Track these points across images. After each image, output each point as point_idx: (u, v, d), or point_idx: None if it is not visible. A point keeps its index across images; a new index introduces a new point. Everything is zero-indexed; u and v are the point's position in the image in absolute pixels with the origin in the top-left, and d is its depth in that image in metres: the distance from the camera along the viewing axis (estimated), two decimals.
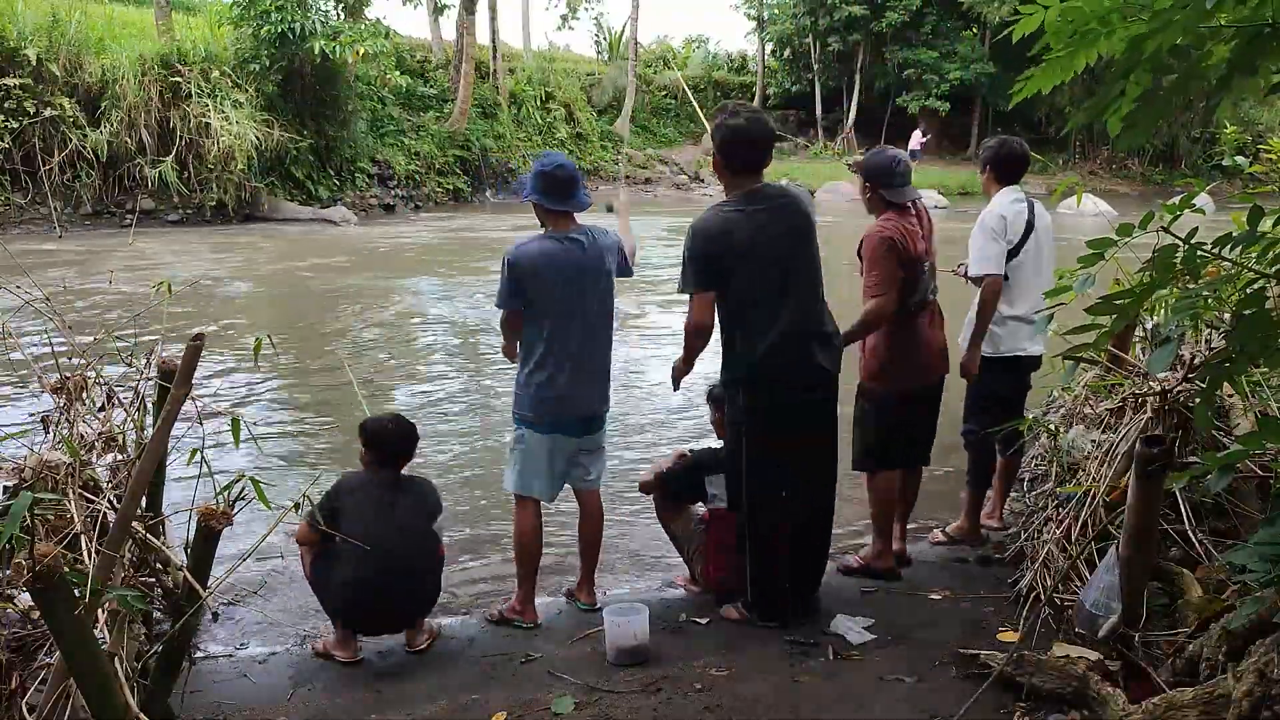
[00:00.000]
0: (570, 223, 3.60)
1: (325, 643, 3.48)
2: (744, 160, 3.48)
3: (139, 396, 3.16)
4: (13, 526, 2.08)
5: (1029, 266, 4.16)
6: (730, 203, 3.48)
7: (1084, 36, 2.01)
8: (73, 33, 16.53)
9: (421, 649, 3.49)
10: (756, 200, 3.45)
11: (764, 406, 3.48)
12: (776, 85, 33.75)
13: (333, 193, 19.42)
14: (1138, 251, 2.25)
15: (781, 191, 3.58)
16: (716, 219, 3.45)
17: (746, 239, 3.40)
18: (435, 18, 27.61)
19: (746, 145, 3.47)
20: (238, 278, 12.08)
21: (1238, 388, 3.30)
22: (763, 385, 3.48)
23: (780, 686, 3.12)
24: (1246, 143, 9.65)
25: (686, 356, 3.60)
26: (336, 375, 7.67)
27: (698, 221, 3.47)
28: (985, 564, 4.17)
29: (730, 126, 3.47)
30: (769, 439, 3.49)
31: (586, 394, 3.64)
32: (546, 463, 3.65)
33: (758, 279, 3.42)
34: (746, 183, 3.48)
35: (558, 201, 3.55)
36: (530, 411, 3.62)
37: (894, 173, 3.84)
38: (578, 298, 3.55)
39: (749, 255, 3.40)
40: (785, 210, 3.49)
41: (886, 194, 3.82)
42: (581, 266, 3.55)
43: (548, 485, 3.69)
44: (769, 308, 3.44)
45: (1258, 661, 2.31)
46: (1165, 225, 2.11)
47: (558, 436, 3.64)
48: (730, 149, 3.47)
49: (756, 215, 3.43)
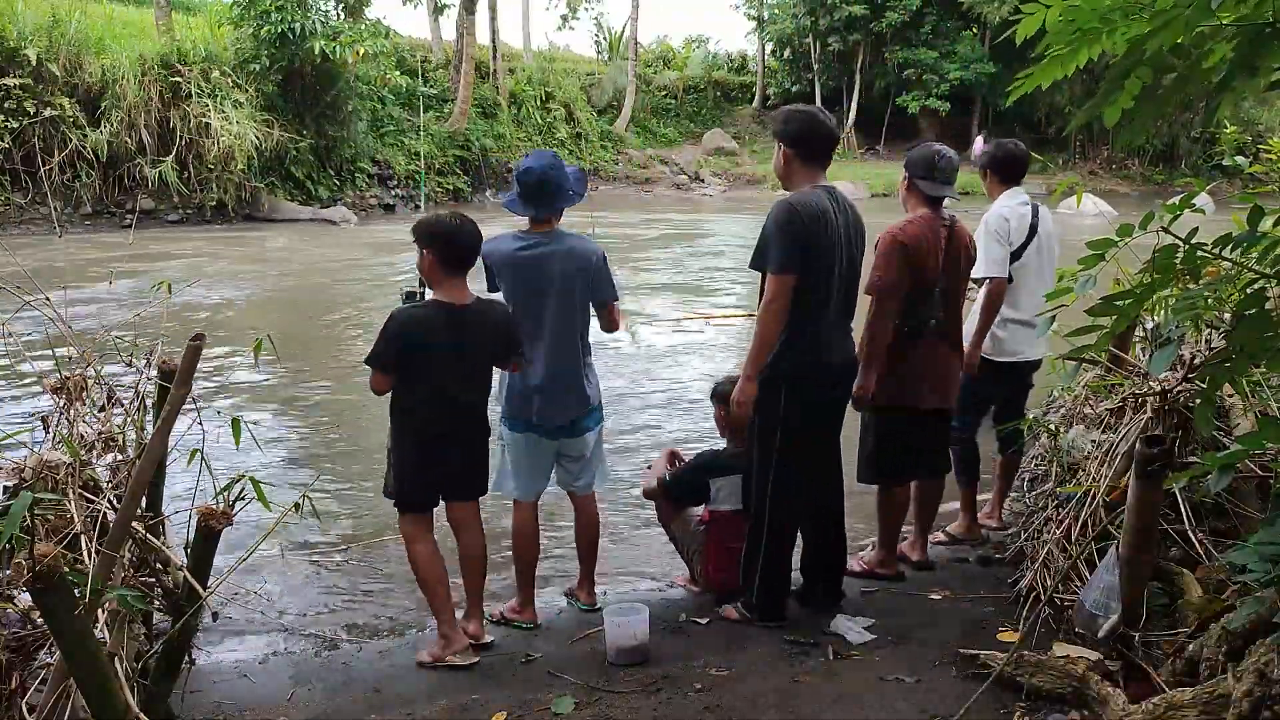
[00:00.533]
0: (547, 225, 3.54)
1: (431, 653, 3.39)
2: (818, 150, 3.44)
3: (139, 396, 3.15)
4: (13, 526, 2.07)
5: (1031, 269, 4.15)
6: (815, 191, 3.38)
7: (1085, 35, 2.01)
8: (73, 33, 16.53)
9: (489, 641, 3.51)
10: (833, 195, 3.42)
11: (803, 404, 3.44)
12: (776, 85, 33.73)
13: (333, 193, 19.43)
14: (1138, 252, 2.25)
15: (841, 193, 3.52)
16: (810, 201, 3.32)
17: (832, 229, 3.34)
18: (435, 18, 27.62)
19: (822, 136, 3.44)
20: (238, 278, 12.07)
21: (1238, 388, 3.30)
22: (811, 376, 3.44)
23: (780, 686, 3.12)
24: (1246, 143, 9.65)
25: (759, 350, 3.36)
26: (337, 375, 7.68)
27: (793, 199, 3.33)
28: (985, 564, 4.17)
29: (804, 112, 3.46)
30: (802, 437, 3.48)
31: (558, 397, 3.57)
32: (522, 462, 3.63)
33: (828, 269, 3.36)
34: (816, 177, 3.43)
35: (529, 207, 3.50)
36: (506, 409, 3.62)
37: (935, 166, 3.76)
38: (539, 300, 3.49)
39: (830, 245, 3.34)
40: (852, 211, 3.48)
41: (923, 185, 3.76)
42: (548, 271, 3.47)
43: (521, 485, 3.65)
44: (829, 300, 3.40)
45: (1258, 661, 2.31)
46: (1165, 225, 2.11)
47: (532, 436, 3.60)
48: (804, 138, 3.41)
49: (836, 209, 3.38)
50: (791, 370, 3.40)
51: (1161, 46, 1.89)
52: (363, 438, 6.11)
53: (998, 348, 4.19)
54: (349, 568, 4.36)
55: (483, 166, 23.54)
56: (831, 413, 3.60)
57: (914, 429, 3.88)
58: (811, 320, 3.37)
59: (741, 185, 27.58)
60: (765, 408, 3.43)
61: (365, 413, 6.73)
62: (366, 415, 6.65)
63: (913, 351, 3.76)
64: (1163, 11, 1.84)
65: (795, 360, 3.39)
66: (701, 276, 13.30)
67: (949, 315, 3.83)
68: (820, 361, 3.44)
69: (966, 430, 4.32)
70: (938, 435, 4.02)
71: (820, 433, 3.58)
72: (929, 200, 3.77)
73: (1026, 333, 4.17)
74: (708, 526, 3.82)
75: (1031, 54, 2.16)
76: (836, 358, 3.51)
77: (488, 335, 3.36)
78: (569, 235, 3.57)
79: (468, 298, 3.33)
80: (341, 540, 4.62)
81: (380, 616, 3.92)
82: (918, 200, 3.80)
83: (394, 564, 4.36)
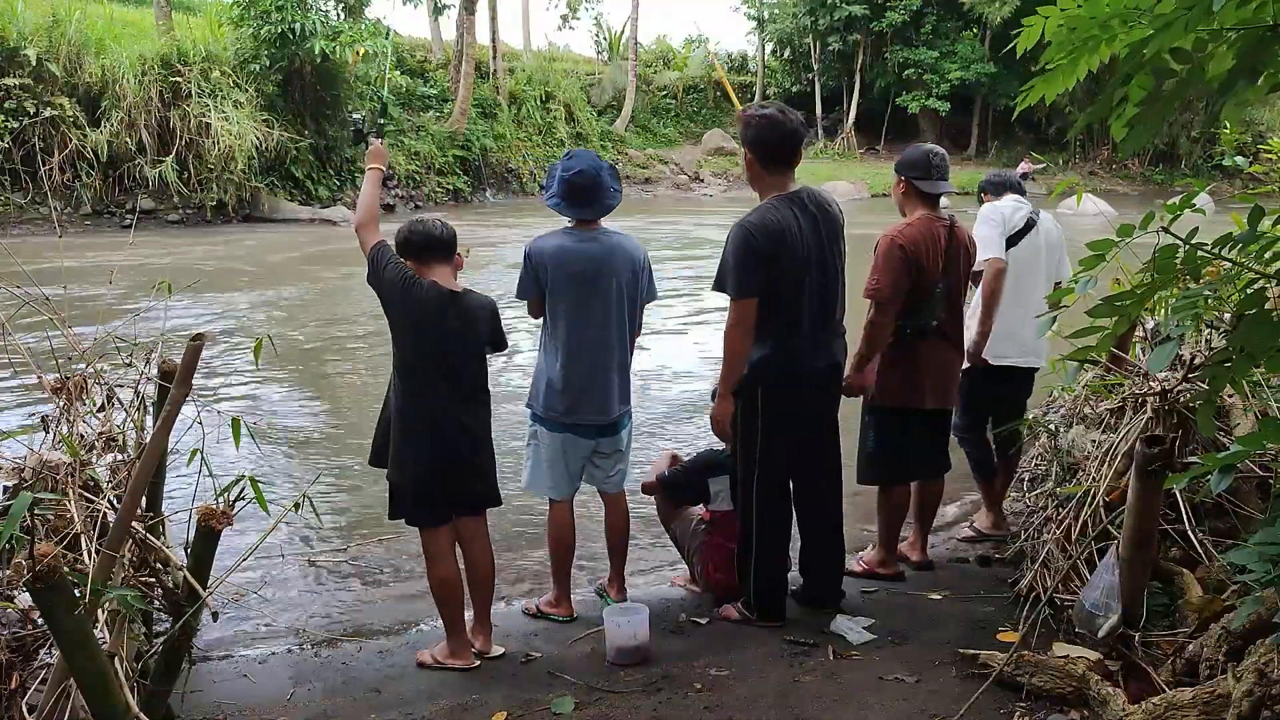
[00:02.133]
0: (593, 226, 3.55)
1: (434, 654, 3.40)
2: (778, 152, 3.38)
3: (139, 396, 3.15)
4: (12, 526, 2.08)
5: (1024, 269, 4.13)
6: (776, 204, 3.36)
7: (1085, 43, 2.01)
8: (73, 33, 16.51)
9: (498, 654, 3.43)
10: (799, 203, 3.38)
11: (785, 407, 3.44)
12: (776, 85, 33.71)
13: (333, 193, 19.41)
14: (1139, 252, 2.25)
15: (814, 192, 3.49)
16: (768, 220, 3.31)
17: (795, 242, 3.32)
18: (435, 18, 27.58)
19: (780, 136, 3.36)
20: (239, 277, 12.07)
21: (1238, 388, 3.30)
22: (787, 385, 3.43)
23: (780, 686, 3.12)
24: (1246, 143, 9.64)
25: (730, 370, 3.39)
26: (337, 375, 7.69)
27: (748, 222, 3.32)
28: (985, 564, 4.17)
29: (762, 115, 3.39)
30: (786, 438, 3.47)
31: (599, 397, 3.57)
32: (558, 461, 3.63)
33: (797, 281, 3.35)
34: (782, 181, 3.41)
35: (576, 210, 3.50)
36: (543, 409, 3.61)
37: (930, 165, 3.78)
38: (590, 298, 3.50)
39: (794, 258, 3.32)
40: (825, 212, 3.44)
41: (923, 185, 3.76)
42: (597, 268, 3.49)
43: (558, 484, 3.66)
44: (801, 309, 3.39)
45: (1258, 661, 2.31)
46: (1165, 225, 2.11)
47: (569, 436, 3.61)
48: (763, 141, 3.37)
49: (802, 217, 3.35)
50: (768, 384, 3.41)
51: (1161, 50, 1.89)
52: (363, 436, 6.11)
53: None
54: (349, 567, 4.36)
55: (483, 166, 23.52)
56: (816, 416, 3.58)
57: (914, 429, 3.88)
58: (785, 334, 3.39)
59: (741, 185, 27.49)
60: (744, 419, 3.45)
61: (365, 412, 6.73)
62: (366, 415, 6.65)
63: (915, 353, 3.76)
64: (1163, 15, 1.84)
65: (772, 374, 3.40)
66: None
67: (950, 315, 3.83)
68: (798, 372, 3.44)
69: (971, 431, 4.31)
70: (938, 435, 4.02)
71: (805, 437, 3.55)
72: (927, 200, 3.78)
73: (1011, 340, 4.13)
74: (708, 526, 3.82)
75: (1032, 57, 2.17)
76: (821, 362, 3.48)
77: (481, 323, 3.33)
78: (615, 233, 3.59)
79: (456, 286, 3.32)
80: (342, 540, 4.62)
81: (380, 616, 3.92)
82: (915, 201, 3.81)
83: (394, 564, 4.36)
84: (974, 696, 2.85)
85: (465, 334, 3.28)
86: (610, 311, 3.54)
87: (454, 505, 3.36)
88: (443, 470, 3.27)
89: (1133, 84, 1.98)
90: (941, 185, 3.79)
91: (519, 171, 24.09)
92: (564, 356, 3.53)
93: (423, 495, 3.30)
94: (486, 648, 3.45)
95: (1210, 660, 2.63)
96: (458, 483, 3.33)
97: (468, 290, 3.35)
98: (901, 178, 3.84)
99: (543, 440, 3.64)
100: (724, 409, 3.45)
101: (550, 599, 3.77)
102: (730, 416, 3.46)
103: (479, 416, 3.37)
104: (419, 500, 3.31)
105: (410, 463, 3.26)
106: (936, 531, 4.48)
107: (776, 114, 3.41)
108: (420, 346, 3.24)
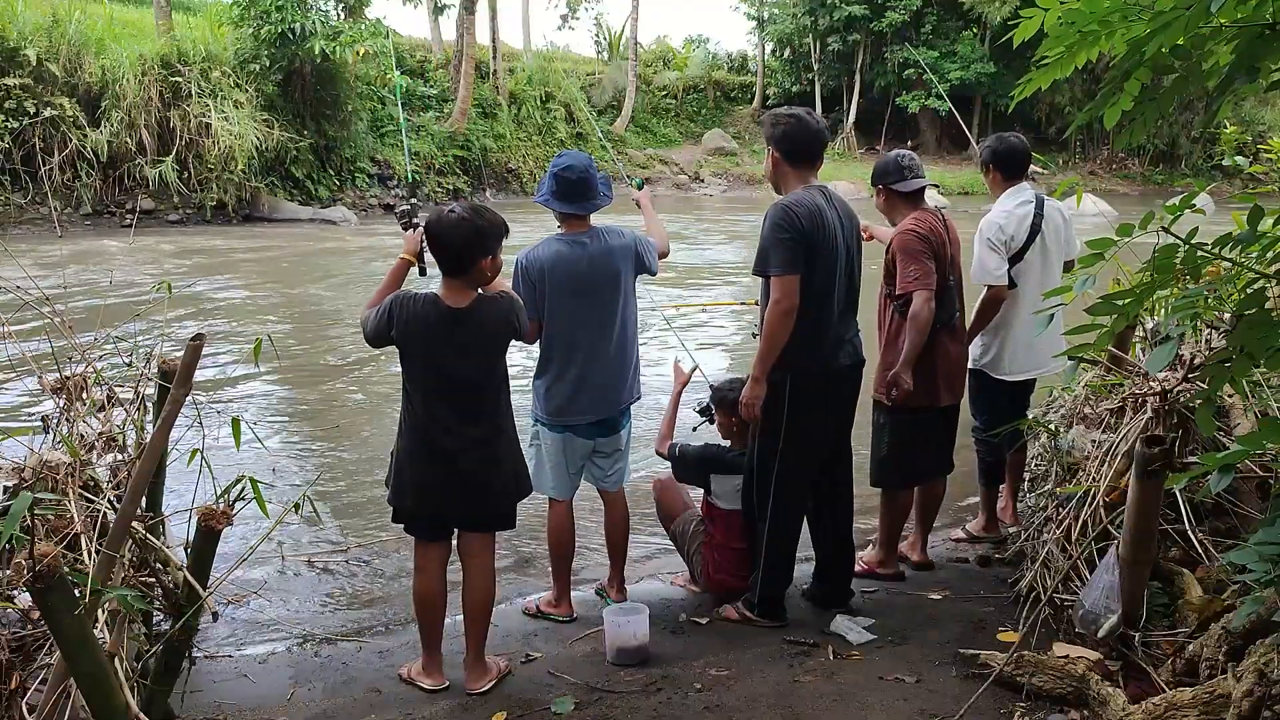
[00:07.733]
0: (584, 224, 3.57)
1: (411, 669, 3.29)
2: (806, 150, 3.43)
3: (139, 396, 3.15)
4: (12, 526, 2.08)
5: (1034, 276, 4.05)
6: (807, 190, 3.38)
7: (1084, 38, 2.02)
8: (73, 33, 16.52)
9: (484, 690, 3.16)
10: (825, 194, 3.42)
11: (813, 400, 3.43)
12: (776, 85, 33.68)
13: (333, 193, 19.42)
14: (1139, 251, 2.25)
15: (834, 191, 3.53)
16: (804, 199, 3.32)
17: (829, 227, 3.34)
18: (435, 18, 27.60)
19: (809, 135, 3.42)
20: (238, 278, 12.07)
21: (1238, 388, 3.30)
22: (817, 377, 3.43)
23: (780, 686, 3.12)
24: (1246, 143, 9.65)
25: (767, 351, 3.32)
26: (337, 375, 7.68)
27: (787, 200, 3.33)
28: (985, 564, 4.17)
29: (791, 115, 3.45)
30: (807, 439, 3.47)
31: (598, 396, 3.59)
32: (559, 462, 3.64)
33: (830, 267, 3.36)
34: (807, 179, 3.44)
35: (567, 204, 3.51)
36: (543, 411, 3.63)
37: (902, 166, 3.80)
38: (587, 300, 3.51)
39: (829, 243, 3.34)
40: (845, 208, 3.49)
41: (900, 186, 3.79)
42: (592, 269, 3.50)
43: (559, 484, 3.67)
44: (833, 300, 3.40)
45: (1258, 661, 2.31)
46: (1165, 225, 2.11)
47: (569, 436, 3.63)
48: (790, 137, 3.40)
49: (829, 208, 3.39)
50: (798, 371, 3.39)
51: (1161, 48, 1.89)
52: (363, 437, 6.12)
53: (997, 366, 4.17)
54: (348, 568, 4.36)
55: (482, 166, 23.52)
56: (837, 413, 3.60)
57: (928, 427, 3.90)
58: (817, 320, 3.37)
59: (741, 185, 27.56)
60: (770, 409, 3.42)
61: (365, 412, 6.74)
62: (366, 414, 6.65)
63: (931, 350, 3.76)
64: (1162, 13, 1.84)
65: (802, 361, 3.38)
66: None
67: (960, 308, 3.87)
68: (827, 361, 3.44)
69: (994, 437, 4.19)
70: (948, 432, 4.03)
71: (825, 433, 3.57)
72: (911, 199, 3.81)
73: (1027, 352, 4.10)
74: (707, 526, 3.82)
75: (1031, 55, 2.17)
76: (845, 359, 3.51)
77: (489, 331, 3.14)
78: (606, 229, 3.61)
79: (464, 300, 3.08)
80: (341, 539, 4.62)
81: (380, 616, 3.92)
82: (900, 204, 3.83)
83: (393, 564, 4.36)
84: (974, 696, 2.85)
85: (474, 350, 3.07)
86: (610, 311, 3.55)
87: (453, 524, 3.22)
88: (440, 492, 3.10)
89: (1130, 79, 1.98)
90: (918, 181, 3.81)
91: (519, 171, 24.10)
92: (562, 360, 3.54)
93: (417, 515, 3.19)
94: (471, 686, 3.17)
95: (1210, 660, 2.62)
96: (455, 504, 3.13)
97: (483, 297, 3.10)
98: (879, 187, 3.88)
99: (543, 441, 3.66)
100: (755, 393, 3.38)
101: (550, 599, 3.78)
102: (760, 402, 3.39)
103: (494, 432, 3.14)
104: (414, 517, 3.21)
105: (408, 487, 3.13)
106: (936, 531, 4.47)
107: (804, 114, 3.48)
108: (414, 368, 3.09)
